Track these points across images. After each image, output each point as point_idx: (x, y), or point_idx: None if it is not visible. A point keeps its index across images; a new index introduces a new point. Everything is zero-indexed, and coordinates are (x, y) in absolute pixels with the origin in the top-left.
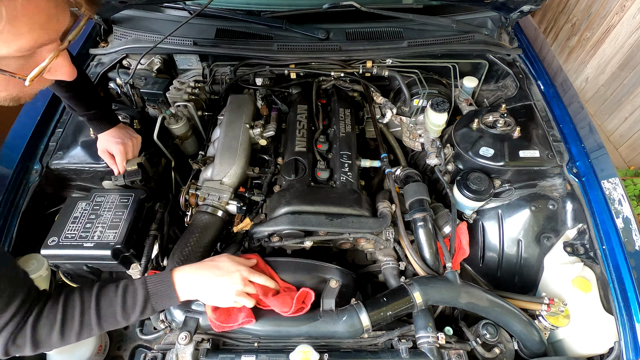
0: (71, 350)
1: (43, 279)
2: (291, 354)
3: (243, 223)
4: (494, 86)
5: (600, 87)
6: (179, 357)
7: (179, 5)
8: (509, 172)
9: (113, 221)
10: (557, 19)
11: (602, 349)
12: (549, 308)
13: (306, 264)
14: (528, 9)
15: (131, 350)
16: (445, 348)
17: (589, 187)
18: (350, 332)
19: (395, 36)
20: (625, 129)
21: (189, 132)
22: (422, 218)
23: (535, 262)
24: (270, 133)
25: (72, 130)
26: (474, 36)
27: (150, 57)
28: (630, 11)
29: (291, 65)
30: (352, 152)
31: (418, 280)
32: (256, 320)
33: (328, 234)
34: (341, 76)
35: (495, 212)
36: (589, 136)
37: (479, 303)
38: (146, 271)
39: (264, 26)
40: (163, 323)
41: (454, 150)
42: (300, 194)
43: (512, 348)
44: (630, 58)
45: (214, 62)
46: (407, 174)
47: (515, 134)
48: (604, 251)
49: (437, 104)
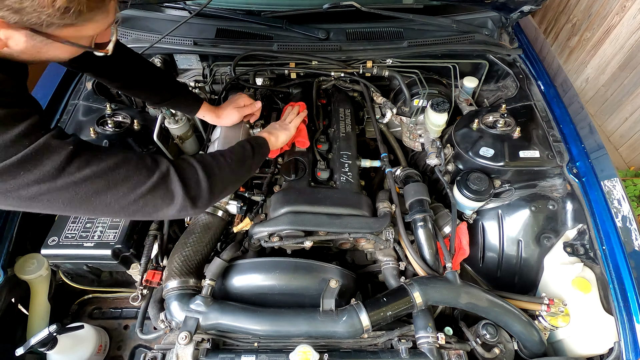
0: (71, 350)
1: (43, 278)
2: (291, 354)
3: (243, 223)
4: (494, 86)
5: (600, 88)
6: (179, 357)
7: (179, 5)
8: (509, 173)
9: (113, 221)
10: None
11: (601, 350)
12: (548, 308)
13: (306, 264)
14: (528, 9)
15: (131, 350)
16: (445, 348)
17: (589, 187)
18: (350, 332)
19: (396, 36)
20: (626, 130)
21: (189, 132)
22: (422, 218)
23: (535, 262)
24: None
25: (73, 130)
26: (474, 36)
27: (151, 56)
28: (630, 11)
29: (291, 64)
30: (352, 152)
31: (418, 280)
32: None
33: (328, 234)
34: (341, 76)
35: (495, 212)
36: (589, 136)
37: (479, 303)
38: (146, 271)
39: (264, 26)
40: (163, 323)
41: (454, 150)
42: (300, 194)
43: (512, 348)
44: (630, 58)
45: (214, 62)
46: (407, 174)
47: (516, 134)
48: (604, 251)
49: (437, 104)
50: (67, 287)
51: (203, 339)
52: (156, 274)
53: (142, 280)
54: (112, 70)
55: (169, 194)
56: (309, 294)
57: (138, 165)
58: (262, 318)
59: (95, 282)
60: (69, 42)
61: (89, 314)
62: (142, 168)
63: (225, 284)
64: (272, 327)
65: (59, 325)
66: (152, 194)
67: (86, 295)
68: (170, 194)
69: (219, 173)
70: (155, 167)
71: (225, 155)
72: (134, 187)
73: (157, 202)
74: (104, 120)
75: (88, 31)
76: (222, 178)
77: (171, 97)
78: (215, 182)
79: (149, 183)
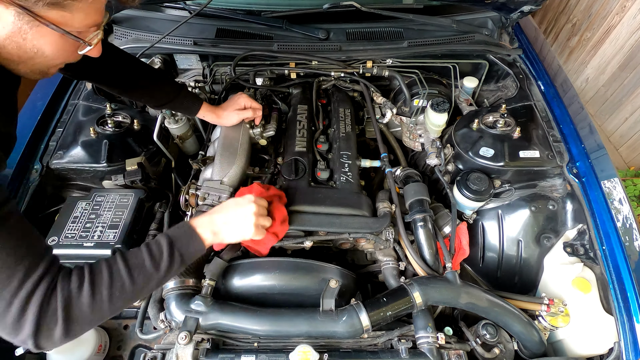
0: (71, 350)
1: None
2: (291, 354)
3: None
4: (494, 86)
5: (600, 88)
6: (178, 357)
7: (179, 5)
8: (509, 173)
9: (113, 221)
10: (558, 19)
11: (601, 350)
12: (548, 308)
13: (306, 264)
14: (528, 9)
15: (131, 350)
16: (445, 348)
17: (589, 187)
18: (350, 332)
19: (396, 36)
20: (626, 130)
21: (188, 132)
22: (422, 218)
23: (535, 262)
24: (271, 133)
25: (73, 130)
26: (474, 36)
27: (151, 56)
28: (630, 11)
29: (291, 64)
30: (352, 152)
31: (418, 280)
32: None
33: (328, 234)
34: (341, 76)
35: (495, 212)
36: (589, 136)
37: (479, 303)
38: None
39: (264, 26)
40: (163, 323)
41: (454, 150)
42: (300, 194)
43: (511, 348)
44: (630, 58)
45: (214, 62)
46: (407, 174)
47: (516, 134)
48: (604, 252)
49: (437, 104)
50: None
51: (203, 339)
52: None
53: None
54: (110, 76)
55: (15, 326)
56: (309, 294)
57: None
58: (262, 318)
59: None
60: (56, 27)
61: None
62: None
63: (225, 284)
64: (272, 327)
65: None
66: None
67: None
68: (18, 326)
69: (90, 311)
70: (20, 286)
71: (120, 274)
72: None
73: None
74: (104, 120)
75: (74, 21)
76: (94, 313)
77: (171, 99)
78: (81, 322)
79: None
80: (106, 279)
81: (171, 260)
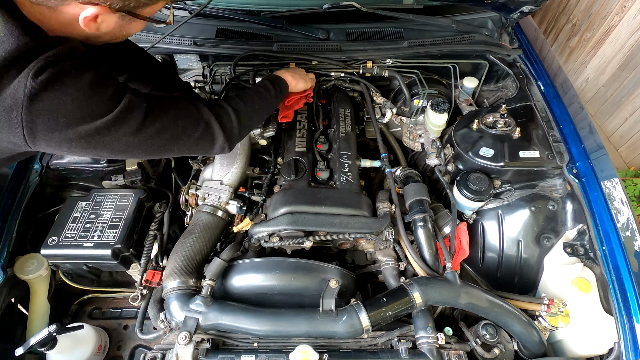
0: (71, 350)
1: (43, 278)
2: (291, 354)
3: (243, 223)
4: (494, 86)
5: (600, 88)
6: (178, 357)
7: (179, 5)
8: (509, 173)
9: (113, 221)
10: (558, 20)
11: (601, 350)
12: (548, 308)
13: (306, 264)
14: (528, 9)
15: (131, 350)
16: (445, 348)
17: (589, 187)
18: (350, 332)
19: (396, 36)
20: (626, 130)
21: None
22: (422, 218)
23: (535, 262)
24: (270, 133)
25: None
26: (474, 36)
27: None
28: (630, 12)
29: (291, 64)
30: (352, 152)
31: (418, 280)
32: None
33: (328, 234)
34: (341, 76)
35: (495, 212)
36: (589, 137)
37: (479, 303)
38: (146, 271)
39: (264, 26)
40: (163, 323)
41: (454, 150)
42: (300, 194)
43: (511, 348)
44: (630, 59)
45: (214, 62)
46: (407, 174)
47: (515, 134)
48: (604, 252)
49: (437, 104)
50: (67, 287)
51: (203, 339)
52: (156, 274)
53: (141, 280)
54: (119, 63)
55: (213, 139)
56: (308, 294)
57: (189, 117)
58: (262, 318)
59: (95, 282)
60: (148, 19)
61: (89, 314)
62: (192, 118)
63: (225, 284)
64: (272, 327)
65: (59, 325)
66: (201, 139)
67: (86, 295)
68: (213, 138)
69: (245, 115)
70: (200, 116)
71: (249, 95)
72: (189, 136)
73: (205, 145)
74: None
75: (157, 7)
76: (249, 116)
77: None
78: (244, 123)
79: (198, 132)
80: (248, 94)
81: (277, 92)
